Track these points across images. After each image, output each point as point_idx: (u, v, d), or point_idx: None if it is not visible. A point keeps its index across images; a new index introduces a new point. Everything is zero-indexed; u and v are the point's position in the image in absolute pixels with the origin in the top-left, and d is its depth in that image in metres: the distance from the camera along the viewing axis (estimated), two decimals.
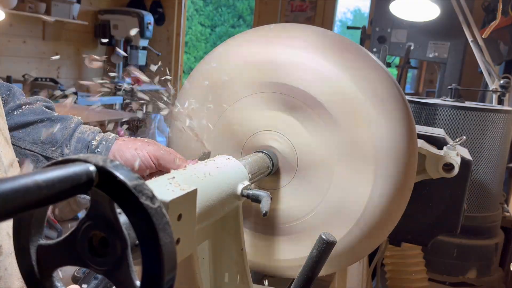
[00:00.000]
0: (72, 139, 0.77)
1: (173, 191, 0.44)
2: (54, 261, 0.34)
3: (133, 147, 0.76)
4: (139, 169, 0.76)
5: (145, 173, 0.78)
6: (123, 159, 0.76)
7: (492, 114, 1.66)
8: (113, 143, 0.78)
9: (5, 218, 0.24)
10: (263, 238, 0.81)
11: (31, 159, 0.75)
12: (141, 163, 0.76)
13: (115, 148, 0.77)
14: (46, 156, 0.76)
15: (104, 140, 0.78)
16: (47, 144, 0.76)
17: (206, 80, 0.82)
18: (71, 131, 0.78)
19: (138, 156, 0.75)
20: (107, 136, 0.79)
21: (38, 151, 0.76)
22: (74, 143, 0.77)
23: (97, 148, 0.77)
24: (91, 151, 0.77)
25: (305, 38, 0.78)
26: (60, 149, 0.76)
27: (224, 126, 0.81)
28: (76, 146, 0.77)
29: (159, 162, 0.75)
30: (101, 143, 0.77)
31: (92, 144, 0.78)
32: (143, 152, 0.76)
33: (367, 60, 0.77)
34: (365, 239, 0.76)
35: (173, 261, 0.31)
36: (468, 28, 2.01)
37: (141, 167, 0.76)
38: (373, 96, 0.73)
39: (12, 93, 0.77)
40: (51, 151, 0.76)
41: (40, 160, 0.76)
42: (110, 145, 0.77)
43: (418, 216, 1.02)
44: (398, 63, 3.53)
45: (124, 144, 0.77)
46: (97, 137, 0.78)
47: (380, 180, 0.72)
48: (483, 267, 1.76)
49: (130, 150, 0.76)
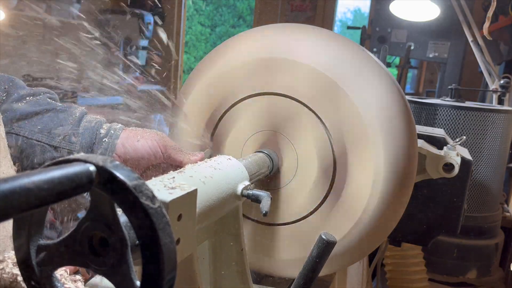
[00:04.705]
0: (80, 128, 0.77)
1: (173, 191, 0.44)
2: (54, 261, 0.34)
3: (142, 136, 0.76)
4: (147, 159, 0.76)
5: (153, 163, 0.77)
6: (133, 147, 0.76)
7: (492, 114, 1.66)
8: (121, 133, 0.77)
9: (5, 218, 0.24)
10: (263, 238, 0.81)
11: (39, 149, 0.75)
12: (150, 151, 0.75)
13: (124, 137, 0.77)
14: (54, 146, 0.75)
15: (112, 129, 0.78)
16: (54, 134, 0.75)
17: (208, 77, 0.82)
18: (78, 120, 0.77)
19: (148, 145, 0.75)
20: (114, 125, 0.79)
21: (45, 140, 0.75)
22: (82, 132, 0.77)
23: (105, 137, 0.77)
24: (99, 139, 0.77)
25: (306, 38, 0.78)
26: (68, 138, 0.76)
27: (225, 124, 0.81)
28: (83, 135, 0.76)
29: (167, 152, 0.75)
30: (109, 132, 0.77)
31: (100, 133, 0.77)
32: (152, 141, 0.76)
33: (368, 61, 0.77)
34: (365, 239, 0.76)
35: (173, 261, 0.31)
36: (468, 28, 2.01)
37: (149, 156, 0.76)
38: (386, 126, 0.73)
39: (14, 83, 0.77)
40: (58, 140, 0.75)
41: (48, 150, 0.75)
42: (119, 133, 0.77)
43: (418, 216, 1.02)
44: (398, 63, 3.53)
45: (133, 133, 0.77)
46: (104, 126, 0.78)
47: (380, 180, 0.72)
48: (483, 267, 1.76)
49: (140, 139, 0.76)
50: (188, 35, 8.96)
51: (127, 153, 0.75)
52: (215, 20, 9.41)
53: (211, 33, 9.40)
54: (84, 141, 0.76)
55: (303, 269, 0.59)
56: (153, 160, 0.76)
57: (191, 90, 0.84)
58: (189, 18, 8.89)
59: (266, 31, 0.82)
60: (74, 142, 0.76)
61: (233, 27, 9.29)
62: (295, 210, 0.77)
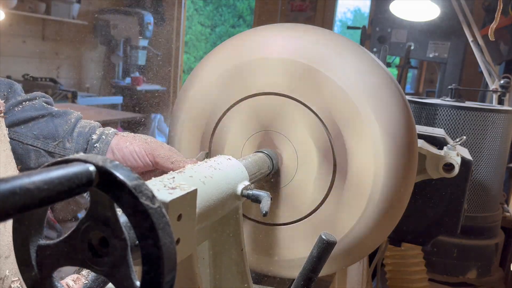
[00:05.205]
0: (74, 133, 0.77)
1: (173, 191, 0.44)
2: (54, 261, 0.34)
3: (131, 143, 0.76)
4: (135, 166, 0.76)
5: (141, 171, 0.78)
6: (121, 154, 0.76)
7: (492, 114, 1.66)
8: (112, 138, 0.78)
9: (5, 218, 0.24)
10: (263, 238, 0.81)
11: (34, 154, 0.76)
12: (138, 160, 0.76)
13: (114, 143, 0.77)
14: (49, 151, 0.76)
15: (104, 135, 0.78)
16: (49, 139, 0.76)
17: (210, 76, 0.82)
18: (72, 126, 0.78)
19: (135, 152, 0.75)
20: (106, 131, 0.79)
21: (40, 146, 0.76)
22: (76, 138, 0.77)
23: (97, 142, 0.77)
24: (91, 145, 0.77)
25: (272, 35, 0.79)
26: (62, 144, 0.76)
27: (226, 124, 0.81)
28: (77, 141, 0.77)
29: (155, 160, 0.75)
30: (101, 138, 0.77)
31: (92, 139, 0.78)
32: (140, 149, 0.76)
33: (338, 39, 0.77)
34: (365, 239, 0.76)
35: (173, 261, 0.31)
36: (468, 28, 2.01)
37: (137, 164, 0.76)
38: (373, 97, 0.73)
39: (13, 89, 0.77)
40: (53, 146, 0.76)
41: (42, 155, 0.76)
42: (110, 139, 0.77)
43: (418, 216, 1.02)
44: (398, 63, 3.53)
45: (122, 140, 0.77)
46: (97, 132, 0.78)
47: (381, 151, 0.72)
48: (483, 267, 1.76)
49: (128, 146, 0.76)
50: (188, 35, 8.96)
51: (116, 160, 0.76)
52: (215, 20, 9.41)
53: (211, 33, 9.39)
54: (77, 146, 0.77)
55: (303, 269, 0.59)
56: (142, 168, 0.77)
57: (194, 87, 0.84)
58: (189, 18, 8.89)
59: (234, 40, 0.83)
60: (68, 148, 0.76)
61: (233, 27, 9.29)
62: (306, 203, 0.77)
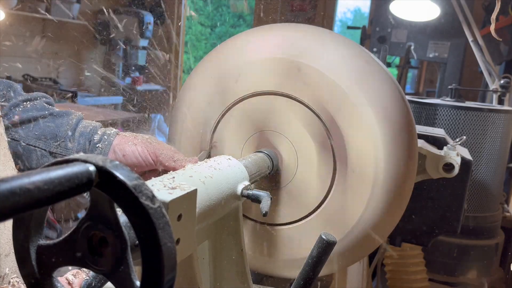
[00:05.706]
0: (75, 133, 0.78)
1: (173, 191, 0.44)
2: (54, 261, 0.34)
3: (133, 143, 0.77)
4: (137, 166, 0.76)
5: (144, 170, 0.78)
6: (122, 153, 0.76)
7: (492, 114, 1.65)
8: (114, 138, 0.78)
9: (5, 218, 0.24)
10: (263, 238, 0.81)
11: (36, 154, 0.76)
12: (140, 159, 0.76)
13: (116, 143, 0.77)
14: (50, 151, 0.76)
15: (106, 135, 0.78)
16: (51, 140, 0.76)
17: (212, 74, 0.82)
18: (74, 126, 0.78)
19: (138, 152, 0.76)
20: (108, 131, 0.79)
21: (42, 146, 0.76)
22: (77, 138, 0.77)
23: (99, 142, 0.77)
24: (93, 145, 0.77)
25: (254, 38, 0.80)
26: (64, 144, 0.77)
27: (226, 123, 0.81)
28: (79, 141, 0.77)
29: (158, 159, 0.75)
30: (103, 138, 0.78)
31: (94, 139, 0.78)
32: (142, 148, 0.76)
33: (350, 46, 0.77)
34: (365, 239, 0.76)
35: (173, 261, 0.31)
36: (468, 28, 2.01)
37: (139, 163, 0.76)
38: (361, 79, 0.73)
39: (13, 90, 0.78)
40: (55, 146, 0.76)
41: (44, 155, 0.76)
42: (112, 139, 0.78)
43: (418, 216, 1.02)
44: (398, 63, 3.53)
45: (124, 140, 0.78)
46: (99, 132, 0.79)
47: (381, 180, 0.72)
48: (483, 267, 1.76)
49: (130, 146, 0.76)
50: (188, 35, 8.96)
51: (118, 160, 0.76)
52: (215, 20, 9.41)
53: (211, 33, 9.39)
54: (79, 147, 0.77)
55: (303, 269, 0.59)
56: (145, 167, 0.77)
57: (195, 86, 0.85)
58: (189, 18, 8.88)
59: (219, 48, 0.84)
60: (70, 148, 0.77)
61: (233, 27, 9.29)
62: (312, 196, 0.77)
